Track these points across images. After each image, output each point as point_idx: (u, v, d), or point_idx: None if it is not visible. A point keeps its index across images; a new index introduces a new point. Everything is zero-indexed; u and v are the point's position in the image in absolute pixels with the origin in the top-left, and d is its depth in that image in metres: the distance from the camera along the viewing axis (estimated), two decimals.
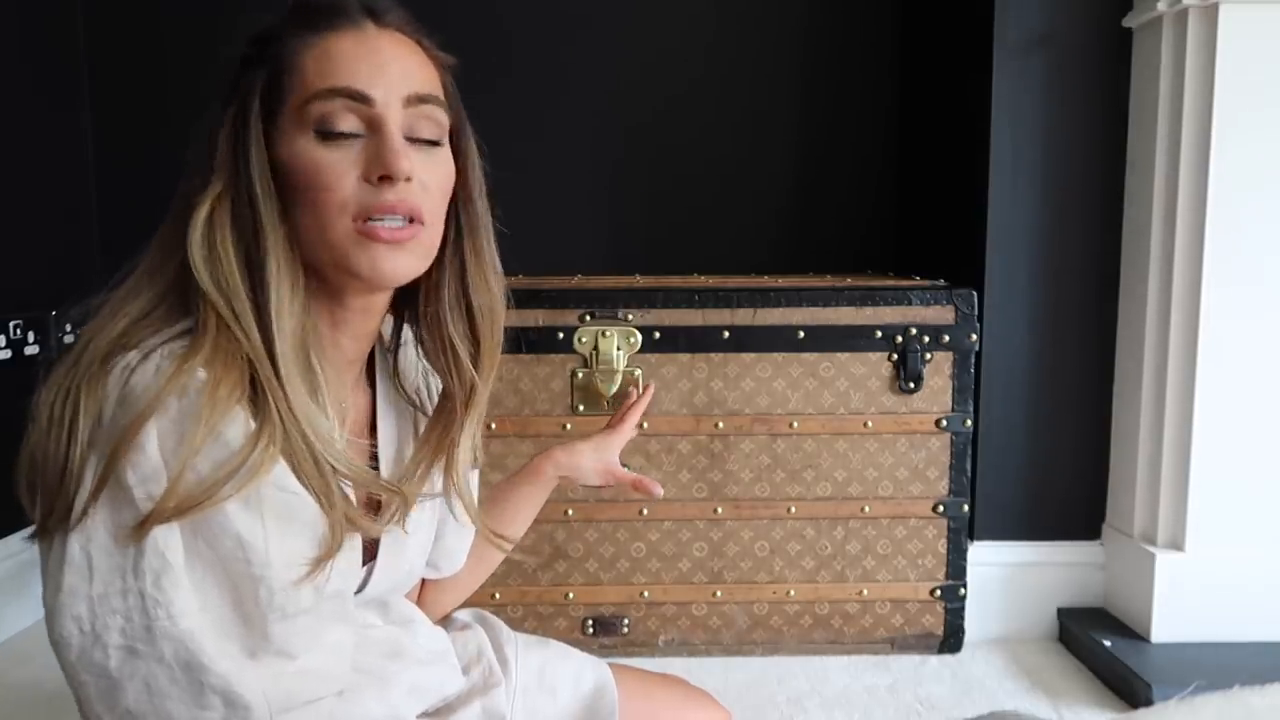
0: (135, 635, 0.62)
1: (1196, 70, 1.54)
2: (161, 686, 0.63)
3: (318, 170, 0.69)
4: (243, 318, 0.67)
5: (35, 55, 1.92)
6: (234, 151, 0.69)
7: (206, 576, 0.65)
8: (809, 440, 1.63)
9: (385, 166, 0.69)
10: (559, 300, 1.60)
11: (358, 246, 0.70)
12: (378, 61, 0.70)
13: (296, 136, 0.69)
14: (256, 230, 0.68)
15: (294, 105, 0.69)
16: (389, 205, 0.69)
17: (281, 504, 0.67)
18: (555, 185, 2.12)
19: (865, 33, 2.12)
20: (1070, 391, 1.73)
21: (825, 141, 2.14)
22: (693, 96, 2.12)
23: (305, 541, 0.68)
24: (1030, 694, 1.54)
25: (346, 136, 0.69)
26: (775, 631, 1.67)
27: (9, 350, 1.72)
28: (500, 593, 1.64)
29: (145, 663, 0.63)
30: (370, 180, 0.69)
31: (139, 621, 0.62)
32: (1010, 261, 1.70)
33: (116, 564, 0.62)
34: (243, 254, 0.69)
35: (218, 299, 0.67)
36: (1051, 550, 1.75)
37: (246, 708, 0.64)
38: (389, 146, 0.69)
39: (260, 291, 0.68)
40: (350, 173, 0.69)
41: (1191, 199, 1.56)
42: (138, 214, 0.79)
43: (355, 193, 0.69)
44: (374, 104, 0.70)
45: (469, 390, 0.80)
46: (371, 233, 0.70)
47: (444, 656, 0.89)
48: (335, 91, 0.69)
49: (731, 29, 2.11)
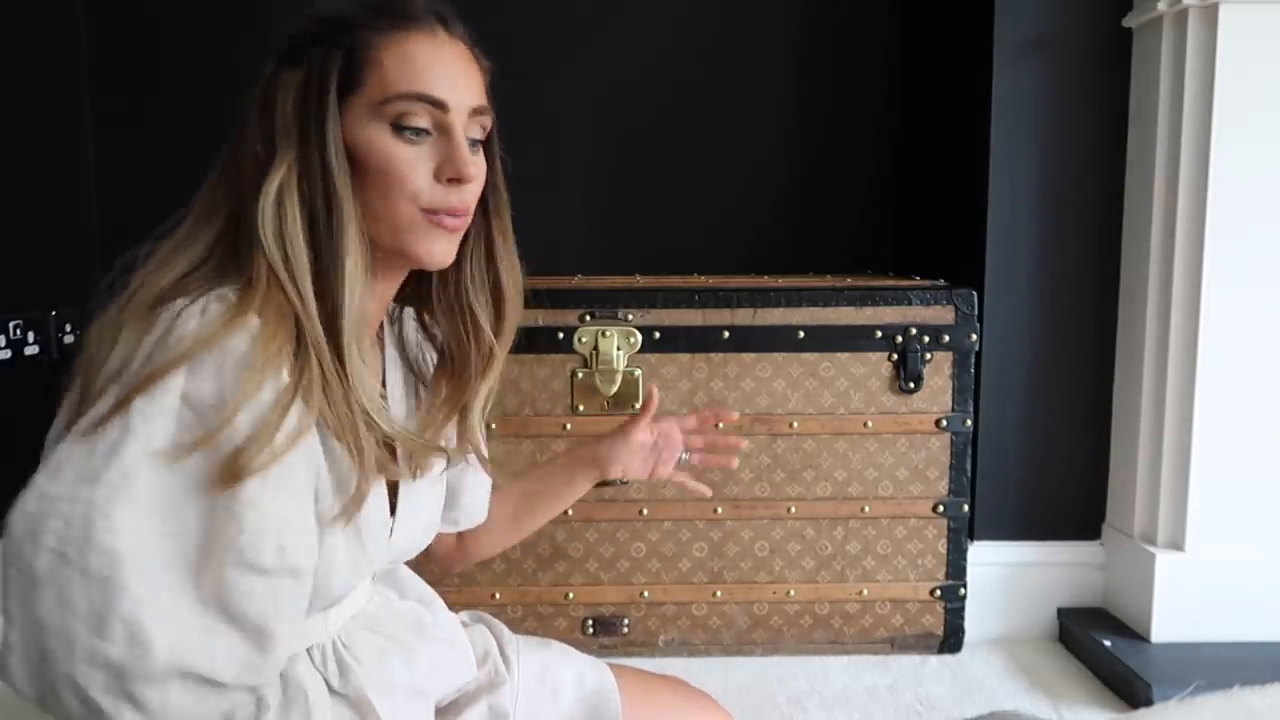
0: (70, 541, 0.62)
1: (1196, 70, 1.54)
2: (74, 602, 0.62)
3: (394, 161, 0.75)
4: (300, 281, 0.72)
5: (35, 55, 1.92)
6: (306, 124, 0.74)
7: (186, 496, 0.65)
8: (809, 440, 1.63)
9: (458, 172, 0.76)
10: (559, 300, 1.60)
11: (421, 233, 0.77)
12: (451, 73, 0.77)
13: (371, 124, 0.75)
14: (330, 201, 0.73)
15: (373, 98, 0.75)
16: (454, 206, 0.78)
17: (285, 463, 0.68)
18: (555, 185, 2.12)
19: (865, 33, 2.12)
20: (1070, 392, 1.73)
21: (825, 141, 2.14)
22: (693, 96, 2.12)
23: (293, 510, 0.69)
24: (1030, 694, 1.54)
25: (421, 133, 0.76)
26: (775, 631, 1.67)
27: (9, 350, 1.71)
28: (500, 593, 1.64)
29: (69, 571, 0.62)
30: (440, 180, 0.77)
31: (78, 529, 0.62)
32: (1010, 261, 1.70)
33: (81, 472, 0.63)
34: (308, 221, 0.73)
35: (279, 262, 0.71)
36: (1051, 550, 1.75)
37: (146, 647, 0.62)
38: (461, 155, 0.77)
39: (328, 259, 0.73)
40: (421, 168, 0.76)
41: (1191, 199, 1.56)
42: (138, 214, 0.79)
43: (426, 188, 0.76)
44: (448, 111, 0.76)
45: (488, 355, 0.88)
46: (438, 223, 0.77)
47: (460, 641, 0.92)
48: (417, 96, 0.75)
49: (732, 29, 2.11)
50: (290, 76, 0.75)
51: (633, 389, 1.61)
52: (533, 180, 2.11)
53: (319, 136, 0.73)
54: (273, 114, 0.74)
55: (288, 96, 0.74)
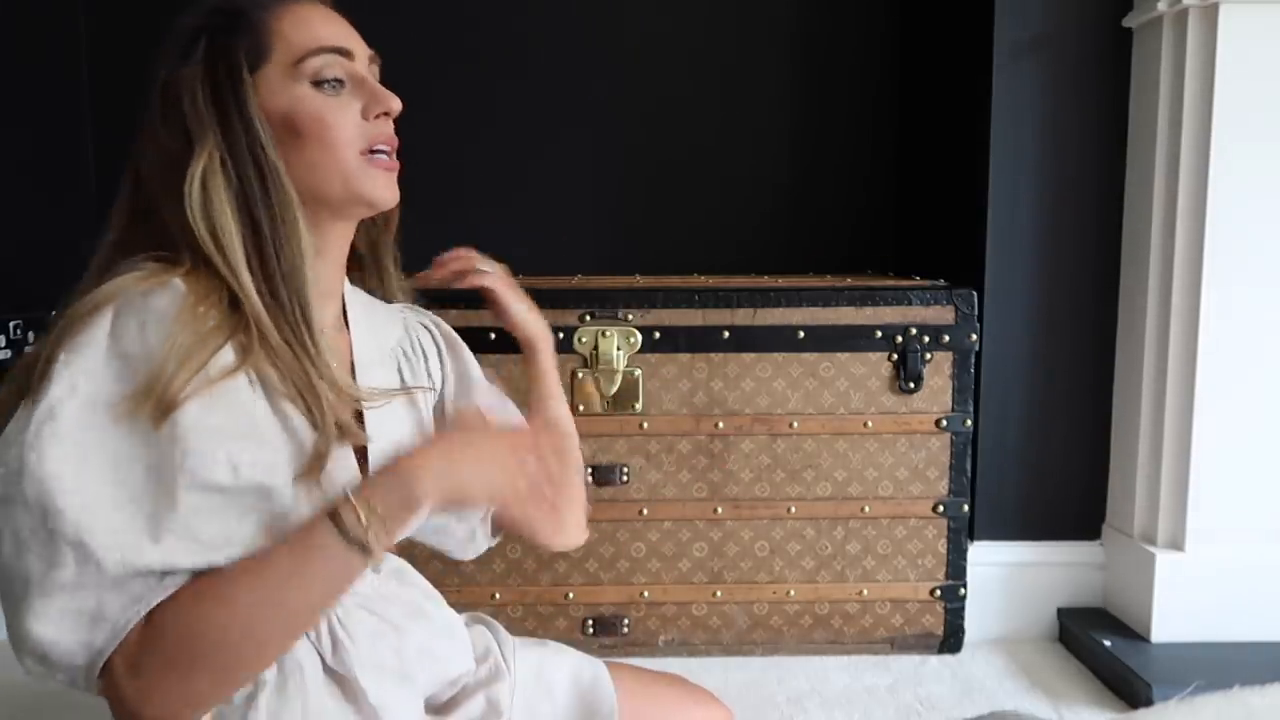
0: (9, 480, 0.66)
1: (1196, 70, 1.54)
2: (24, 539, 0.65)
3: (325, 112, 0.79)
4: (232, 257, 0.74)
5: (35, 55, 1.92)
6: (225, 106, 0.76)
7: (126, 445, 0.67)
8: (809, 440, 1.63)
9: (385, 105, 0.81)
10: (559, 300, 1.60)
11: (366, 174, 0.81)
12: (342, 27, 0.83)
13: (291, 86, 0.78)
14: (263, 169, 0.76)
15: (285, 62, 0.78)
16: (388, 136, 0.82)
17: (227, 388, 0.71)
18: (555, 185, 2.11)
19: (866, 33, 2.12)
20: (1070, 392, 1.73)
21: (825, 141, 2.14)
22: (693, 96, 2.12)
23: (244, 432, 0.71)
24: (1030, 694, 1.54)
25: (337, 84, 0.80)
26: (775, 631, 1.67)
27: (9, 350, 1.72)
28: (500, 593, 1.64)
29: (14, 509, 0.65)
30: (368, 118, 0.81)
31: (14, 467, 0.66)
32: (1010, 261, 1.70)
33: (18, 424, 0.67)
34: (240, 198, 0.76)
35: (209, 243, 0.74)
36: (1051, 550, 1.75)
37: (98, 563, 0.65)
38: (382, 91, 0.82)
39: (271, 225, 0.76)
40: (349, 113, 0.80)
41: (1191, 199, 1.56)
42: None
43: (358, 128, 0.80)
44: (354, 58, 0.82)
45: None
46: (378, 164, 0.82)
47: (460, 633, 0.92)
48: (325, 49, 0.79)
49: (732, 29, 2.11)
50: (190, 73, 0.77)
51: (633, 389, 1.61)
52: (533, 180, 2.12)
53: (240, 114, 0.76)
54: (180, 110, 0.76)
55: (194, 90, 0.76)
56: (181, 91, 0.77)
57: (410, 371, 0.94)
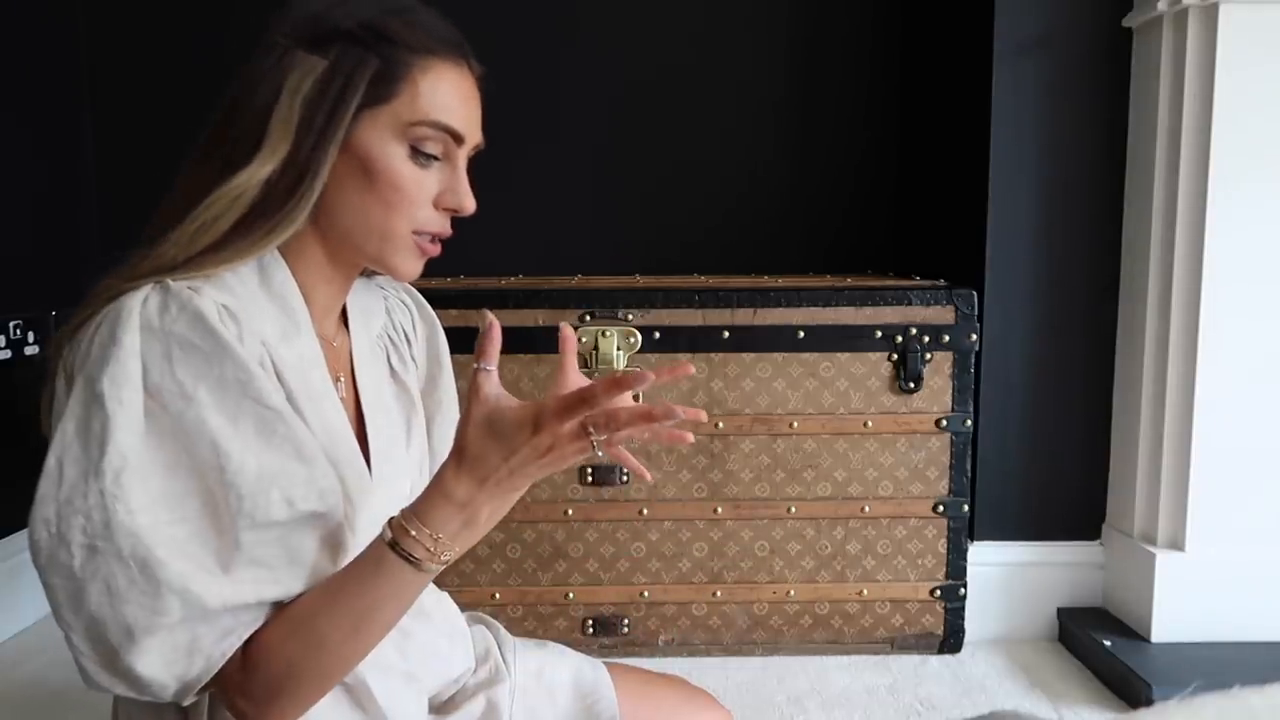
0: (95, 532, 0.64)
1: (1196, 70, 1.54)
2: (120, 588, 0.64)
3: (406, 180, 0.76)
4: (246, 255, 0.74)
5: (35, 55, 1.92)
6: (315, 115, 0.73)
7: (179, 482, 0.67)
8: (809, 440, 1.63)
9: (460, 204, 0.79)
10: (559, 300, 1.60)
11: (404, 251, 0.79)
12: (471, 108, 0.80)
13: (391, 140, 0.76)
14: (297, 197, 0.74)
15: (400, 116, 0.75)
16: (445, 231, 0.81)
17: (266, 421, 0.69)
18: (555, 185, 2.12)
19: (865, 32, 2.12)
20: (1070, 392, 1.73)
21: (825, 141, 2.14)
22: (693, 96, 2.12)
23: (293, 463, 0.70)
24: (1030, 694, 1.54)
25: (432, 159, 0.78)
26: (775, 631, 1.67)
27: (9, 350, 1.72)
28: (500, 593, 1.64)
29: (105, 561, 0.64)
30: (439, 206, 0.79)
31: (98, 518, 0.64)
32: (1010, 261, 1.70)
33: (82, 468, 0.65)
34: (261, 209, 0.73)
35: (239, 248, 0.73)
36: (1051, 550, 1.75)
37: (204, 607, 0.65)
38: (465, 188, 0.80)
39: (268, 235, 0.74)
40: (426, 193, 0.78)
41: (1191, 198, 1.56)
42: (138, 214, 0.79)
43: (425, 211, 0.78)
44: (463, 145, 0.79)
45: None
46: (423, 247, 0.80)
47: (461, 633, 0.92)
48: (444, 127, 0.77)
49: (732, 29, 2.11)
50: (311, 62, 0.73)
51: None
52: (533, 180, 2.12)
53: (322, 134, 0.73)
54: (280, 89, 0.73)
55: (305, 81, 0.73)
56: (289, 73, 0.73)
57: (398, 357, 0.93)
